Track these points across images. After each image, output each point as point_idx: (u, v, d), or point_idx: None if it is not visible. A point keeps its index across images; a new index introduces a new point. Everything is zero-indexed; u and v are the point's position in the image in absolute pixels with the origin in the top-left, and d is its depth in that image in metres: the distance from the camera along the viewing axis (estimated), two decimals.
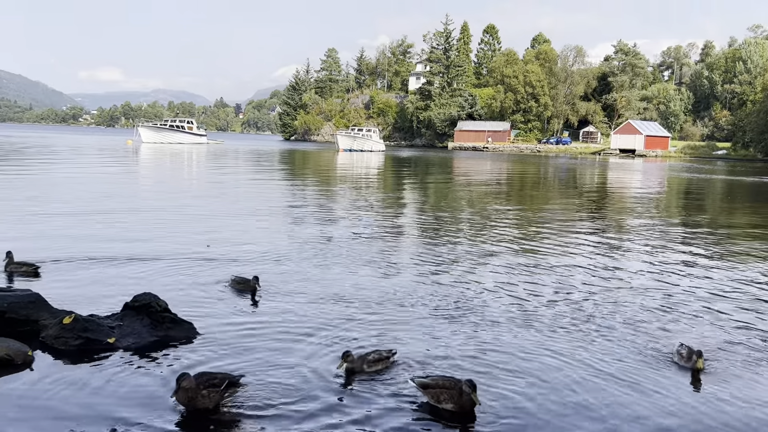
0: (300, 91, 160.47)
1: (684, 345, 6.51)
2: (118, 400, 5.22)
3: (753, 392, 5.84)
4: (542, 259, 11.85)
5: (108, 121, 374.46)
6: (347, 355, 5.83)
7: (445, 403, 5.11)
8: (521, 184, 36.69)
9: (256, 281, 8.48)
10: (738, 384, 6.00)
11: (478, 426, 5.01)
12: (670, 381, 6.05)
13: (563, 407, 5.39)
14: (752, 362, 6.59)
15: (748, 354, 6.84)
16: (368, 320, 7.61)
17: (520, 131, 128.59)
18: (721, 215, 22.42)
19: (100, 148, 59.26)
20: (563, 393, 5.68)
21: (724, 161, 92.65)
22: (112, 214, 15.64)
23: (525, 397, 5.54)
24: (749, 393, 5.81)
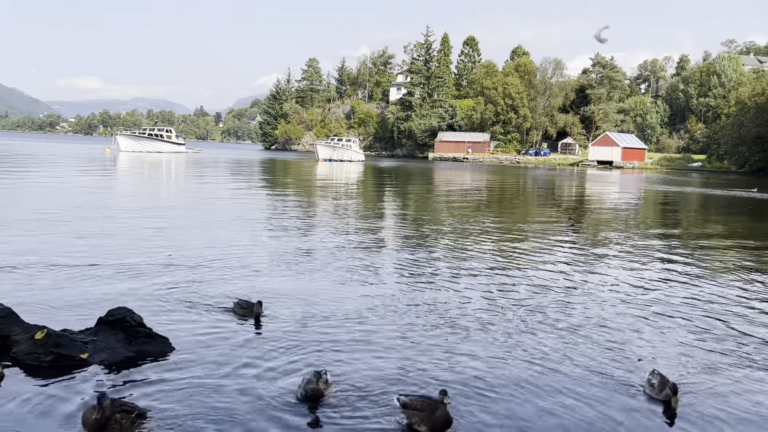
0: (281, 101, 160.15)
1: (656, 373, 6.16)
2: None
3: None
4: (518, 272, 11.92)
5: (86, 129, 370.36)
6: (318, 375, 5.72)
7: (417, 426, 5.13)
8: (500, 195, 36.92)
9: (260, 306, 8.08)
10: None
11: None
12: (635, 414, 5.77)
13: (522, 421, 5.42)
14: (724, 392, 6.46)
15: (721, 380, 6.91)
16: (345, 336, 7.60)
17: (499, 142, 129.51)
18: (695, 227, 22.74)
19: (78, 157, 58.59)
20: (527, 409, 5.72)
21: (699, 173, 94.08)
22: (85, 224, 15.45)
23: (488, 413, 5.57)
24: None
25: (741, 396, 6.24)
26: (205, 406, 5.47)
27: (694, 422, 5.61)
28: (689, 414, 5.76)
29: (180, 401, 5.55)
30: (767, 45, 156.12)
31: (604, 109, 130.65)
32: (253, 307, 8.08)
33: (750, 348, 7.73)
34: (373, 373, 6.38)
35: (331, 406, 5.56)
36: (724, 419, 5.71)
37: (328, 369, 6.08)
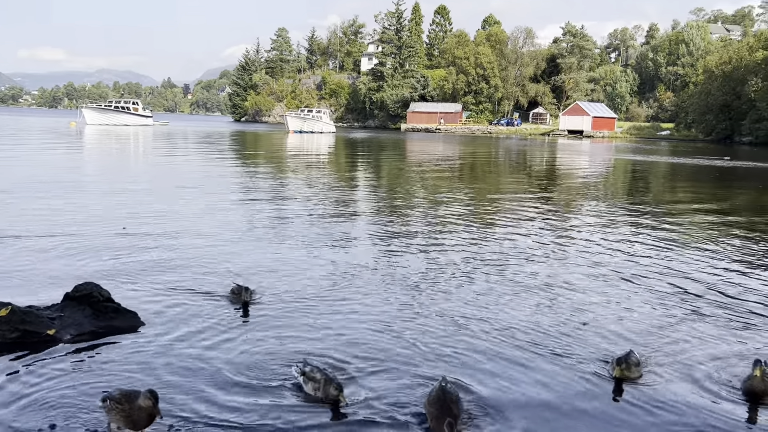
0: (250, 72, 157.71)
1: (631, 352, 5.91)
2: (56, 397, 5.08)
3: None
4: (489, 239, 12.01)
5: (50, 102, 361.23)
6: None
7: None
8: (472, 166, 37.04)
9: (249, 295, 7.44)
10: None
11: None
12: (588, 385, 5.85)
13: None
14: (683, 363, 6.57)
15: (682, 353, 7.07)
16: (319, 306, 7.60)
17: (471, 113, 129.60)
18: (664, 195, 23.11)
19: (43, 130, 57.17)
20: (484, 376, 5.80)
21: (667, 141, 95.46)
22: (48, 199, 15.14)
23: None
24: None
25: (693, 354, 6.40)
26: (174, 381, 5.44)
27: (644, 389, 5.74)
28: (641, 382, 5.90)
29: (149, 376, 5.50)
30: (734, 13, 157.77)
31: (575, 79, 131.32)
32: (241, 294, 7.49)
33: (703, 305, 7.92)
34: (348, 349, 6.40)
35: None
36: (673, 375, 5.86)
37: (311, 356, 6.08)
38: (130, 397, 4.43)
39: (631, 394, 5.50)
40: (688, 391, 5.61)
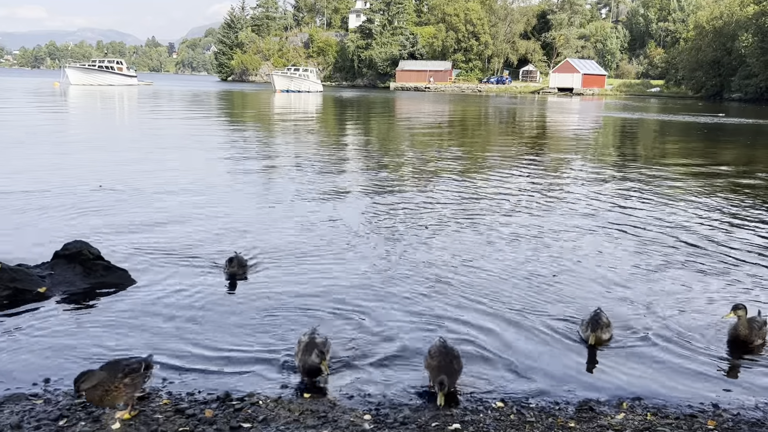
0: (236, 29, 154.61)
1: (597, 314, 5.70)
2: (50, 352, 5.15)
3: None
4: (478, 194, 12.09)
5: (32, 62, 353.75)
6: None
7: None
8: (462, 125, 36.91)
9: (237, 266, 6.98)
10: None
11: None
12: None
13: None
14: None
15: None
16: (305, 267, 7.67)
17: (461, 71, 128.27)
18: (652, 151, 23.19)
19: (26, 91, 56.21)
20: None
21: (657, 99, 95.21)
22: (32, 159, 15.02)
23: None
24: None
25: (669, 303, 6.55)
26: (164, 337, 5.52)
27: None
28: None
29: (141, 332, 5.58)
30: None
31: (565, 35, 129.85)
32: (227, 265, 7.03)
33: (684, 255, 8.07)
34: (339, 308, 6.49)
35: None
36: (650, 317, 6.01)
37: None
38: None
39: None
40: (662, 343, 5.77)
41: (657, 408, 4.61)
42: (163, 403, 4.35)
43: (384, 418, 4.28)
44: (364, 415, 4.30)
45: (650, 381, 5.04)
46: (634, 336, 5.85)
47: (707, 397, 4.83)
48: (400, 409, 4.43)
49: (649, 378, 5.08)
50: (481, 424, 4.23)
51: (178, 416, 4.16)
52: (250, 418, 4.16)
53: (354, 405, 4.46)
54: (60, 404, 4.27)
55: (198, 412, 4.22)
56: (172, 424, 4.05)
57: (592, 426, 4.28)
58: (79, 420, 4.07)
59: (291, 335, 5.54)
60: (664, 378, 5.09)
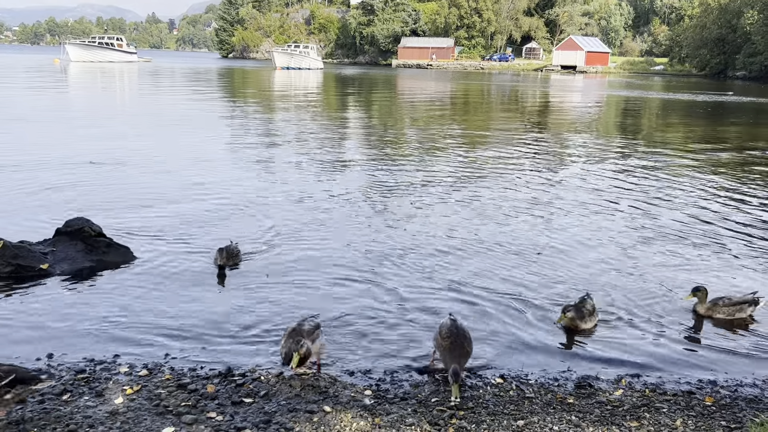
0: (236, 6, 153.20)
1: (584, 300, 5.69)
2: (54, 327, 5.19)
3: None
4: (480, 173, 12.07)
5: (32, 38, 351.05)
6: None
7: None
8: (464, 103, 36.72)
9: (222, 255, 6.56)
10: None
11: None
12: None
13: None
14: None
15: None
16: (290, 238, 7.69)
17: (464, 48, 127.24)
18: (655, 131, 23.09)
19: (27, 68, 55.87)
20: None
21: (660, 77, 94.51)
22: (30, 136, 15.00)
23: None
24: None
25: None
26: (166, 314, 5.55)
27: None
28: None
29: (143, 309, 5.61)
30: None
31: (569, 12, 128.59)
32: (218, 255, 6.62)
33: (680, 235, 8.08)
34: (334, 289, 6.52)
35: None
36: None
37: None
38: None
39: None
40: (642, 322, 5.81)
41: (655, 385, 4.65)
42: (166, 378, 4.39)
43: (384, 393, 4.32)
44: (364, 390, 4.34)
45: (648, 358, 5.07)
46: (633, 314, 5.87)
47: (705, 374, 4.87)
48: (400, 384, 4.47)
49: (647, 355, 5.12)
50: (480, 400, 4.27)
51: (180, 391, 4.20)
52: (251, 393, 4.20)
53: (354, 381, 4.50)
54: (63, 379, 4.31)
55: (200, 387, 4.26)
56: (175, 399, 4.09)
57: (591, 402, 4.32)
58: (83, 394, 4.12)
59: (293, 312, 5.58)
60: (662, 355, 5.13)
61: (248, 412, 3.98)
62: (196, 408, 4.00)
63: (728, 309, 5.89)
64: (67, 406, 3.97)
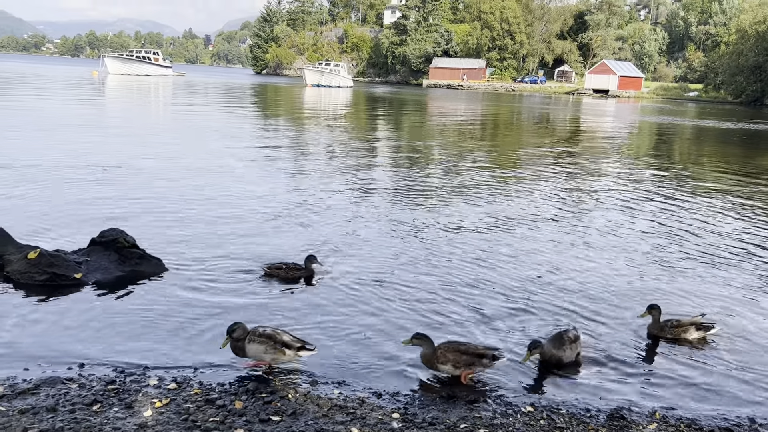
0: (271, 23, 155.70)
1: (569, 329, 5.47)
2: (85, 337, 5.24)
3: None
4: (510, 202, 11.99)
5: (72, 50, 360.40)
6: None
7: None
8: (494, 125, 36.65)
9: (313, 261, 6.96)
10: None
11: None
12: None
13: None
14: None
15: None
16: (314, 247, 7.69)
17: (495, 69, 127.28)
18: (689, 161, 22.75)
19: (66, 80, 57.30)
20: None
21: (695, 103, 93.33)
22: (69, 144, 15.31)
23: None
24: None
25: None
26: (195, 326, 5.57)
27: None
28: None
29: (172, 321, 5.64)
30: None
31: (602, 36, 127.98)
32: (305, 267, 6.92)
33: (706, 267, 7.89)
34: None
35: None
36: None
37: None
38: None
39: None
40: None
41: (690, 420, 4.52)
42: (194, 392, 4.40)
43: (412, 417, 4.26)
44: (392, 413, 4.29)
45: (684, 390, 4.94)
46: (666, 346, 5.74)
47: (743, 409, 4.72)
48: (428, 408, 4.41)
49: (683, 387, 4.99)
50: (510, 428, 4.19)
51: (208, 406, 4.20)
52: (279, 411, 4.18)
53: (382, 403, 4.46)
54: (94, 389, 4.34)
55: (228, 403, 4.26)
56: (203, 414, 4.09)
57: None
58: (112, 406, 4.14)
59: (323, 329, 5.56)
60: (698, 388, 4.99)
61: (275, 430, 3.96)
62: (224, 424, 3.99)
63: (675, 330, 5.82)
64: (96, 416, 3.99)
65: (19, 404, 4.08)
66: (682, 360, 5.47)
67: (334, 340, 5.41)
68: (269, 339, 4.75)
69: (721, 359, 5.54)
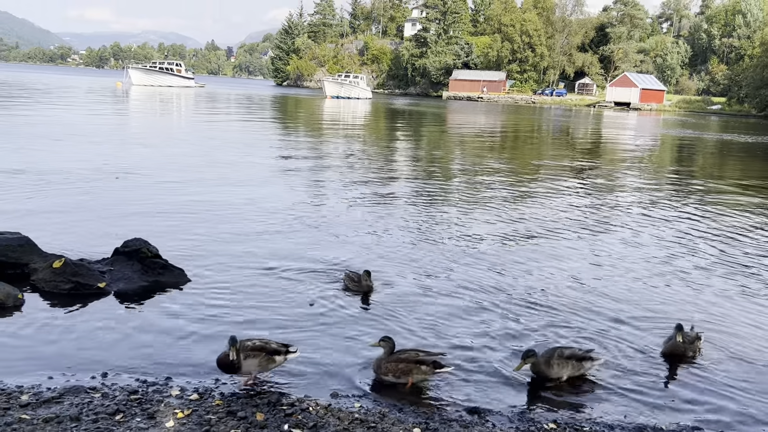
0: (293, 36, 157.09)
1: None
2: (109, 346, 5.29)
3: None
4: (530, 216, 11.92)
5: (97, 62, 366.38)
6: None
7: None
8: (514, 138, 36.55)
9: (368, 277, 6.95)
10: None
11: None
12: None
13: None
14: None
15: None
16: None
17: (515, 82, 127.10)
18: (713, 175, 22.49)
19: (91, 91, 58.22)
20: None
21: (717, 116, 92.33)
22: (96, 153, 15.52)
23: None
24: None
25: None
26: (218, 336, 5.59)
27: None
28: None
29: (195, 331, 5.67)
30: None
31: (624, 49, 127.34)
32: (361, 281, 6.95)
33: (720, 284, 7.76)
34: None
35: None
36: None
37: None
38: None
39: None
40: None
41: None
42: (216, 403, 4.40)
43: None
44: (413, 427, 4.26)
45: (711, 407, 4.85)
46: (697, 363, 5.64)
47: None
48: (449, 424, 4.37)
49: (709, 404, 4.90)
50: None
51: (230, 417, 4.21)
52: (300, 424, 4.17)
53: (403, 417, 4.43)
54: (117, 399, 4.37)
55: (249, 415, 4.26)
56: (224, 426, 4.09)
57: None
58: (135, 416, 4.15)
59: (347, 342, 5.55)
60: (725, 405, 4.90)
61: None
62: None
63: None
64: (119, 426, 4.01)
65: (44, 413, 4.11)
66: (713, 377, 5.37)
67: (352, 355, 5.39)
68: (261, 350, 4.75)
69: (748, 377, 5.43)
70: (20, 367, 4.82)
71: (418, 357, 4.88)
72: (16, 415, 4.05)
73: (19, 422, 3.96)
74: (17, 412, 4.09)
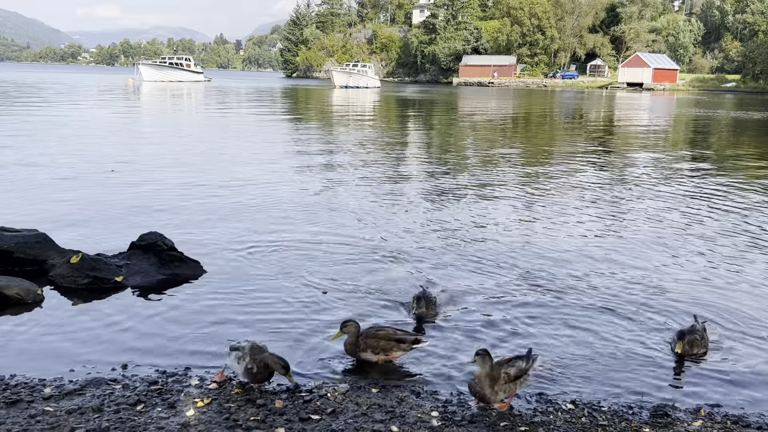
0: (301, 26, 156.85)
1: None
2: (128, 338, 5.35)
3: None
4: (545, 200, 11.88)
5: (107, 59, 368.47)
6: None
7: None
8: (526, 122, 36.35)
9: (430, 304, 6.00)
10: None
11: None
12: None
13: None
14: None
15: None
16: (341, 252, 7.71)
17: (526, 65, 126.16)
18: (726, 154, 22.26)
19: (103, 88, 58.57)
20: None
21: (732, 94, 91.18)
22: (115, 148, 15.64)
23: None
24: None
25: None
26: (235, 327, 5.64)
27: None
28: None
29: (212, 323, 5.72)
30: None
31: (635, 29, 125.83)
32: (421, 304, 5.97)
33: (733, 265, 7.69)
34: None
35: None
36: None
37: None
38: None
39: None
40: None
41: (738, 417, 4.41)
42: (235, 391, 4.45)
43: (452, 415, 4.24)
44: (431, 411, 4.28)
45: (730, 388, 4.83)
46: (713, 343, 5.62)
47: None
48: (467, 407, 4.39)
49: (729, 385, 4.87)
50: (551, 426, 4.15)
51: (249, 405, 4.25)
52: (319, 410, 4.21)
53: (421, 401, 4.45)
54: (137, 390, 4.42)
55: (269, 402, 4.29)
56: (244, 413, 4.13)
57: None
58: (155, 406, 4.21)
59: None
60: (745, 385, 4.87)
61: (315, 429, 3.98)
62: (265, 423, 4.03)
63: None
64: (141, 416, 4.06)
65: (66, 405, 4.18)
66: (727, 358, 5.34)
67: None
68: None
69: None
70: (42, 361, 4.89)
71: (397, 335, 4.98)
72: (40, 407, 4.12)
73: (43, 414, 4.03)
74: (41, 405, 4.16)
